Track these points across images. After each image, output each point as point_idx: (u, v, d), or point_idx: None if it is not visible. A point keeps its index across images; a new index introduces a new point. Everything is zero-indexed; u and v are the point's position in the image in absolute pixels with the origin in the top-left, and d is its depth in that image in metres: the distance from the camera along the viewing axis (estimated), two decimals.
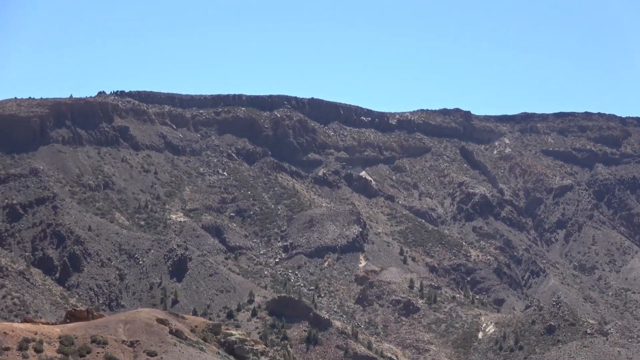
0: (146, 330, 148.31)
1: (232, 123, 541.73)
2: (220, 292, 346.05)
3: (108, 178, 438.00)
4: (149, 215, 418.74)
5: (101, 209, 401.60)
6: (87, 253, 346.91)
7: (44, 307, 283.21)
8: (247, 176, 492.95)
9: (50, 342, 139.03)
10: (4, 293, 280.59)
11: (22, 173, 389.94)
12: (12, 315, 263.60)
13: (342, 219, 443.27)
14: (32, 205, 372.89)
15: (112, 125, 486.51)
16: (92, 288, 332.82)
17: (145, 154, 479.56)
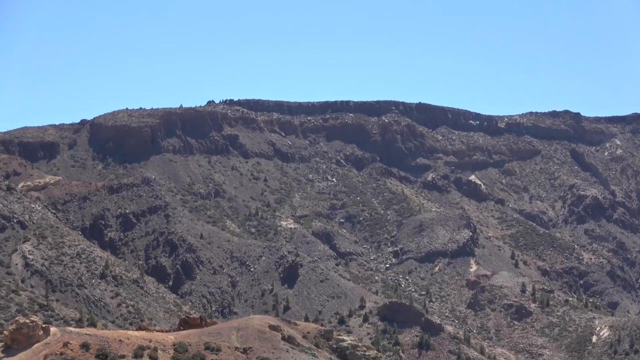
0: (259, 337, 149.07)
1: (340, 129, 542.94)
2: (331, 298, 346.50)
3: (219, 186, 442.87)
4: (259, 222, 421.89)
5: (212, 217, 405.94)
6: (199, 261, 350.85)
7: (157, 314, 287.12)
8: (356, 182, 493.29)
9: (164, 349, 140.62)
10: (118, 301, 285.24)
11: (135, 182, 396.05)
12: (127, 323, 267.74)
13: (452, 224, 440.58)
14: (144, 214, 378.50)
15: (221, 133, 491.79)
16: (204, 295, 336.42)
17: (254, 162, 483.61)
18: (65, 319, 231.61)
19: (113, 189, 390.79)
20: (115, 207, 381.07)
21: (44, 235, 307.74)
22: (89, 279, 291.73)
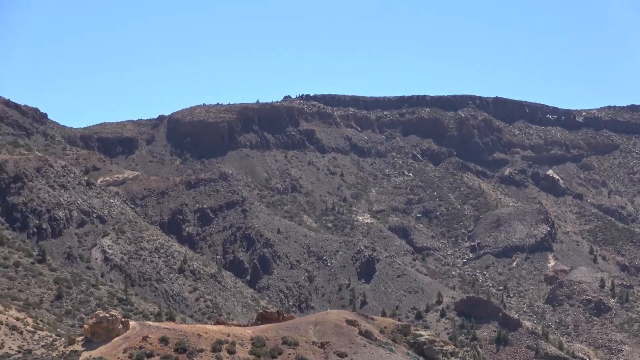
0: (336, 332, 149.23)
1: (416, 124, 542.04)
2: (408, 293, 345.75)
3: (295, 181, 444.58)
4: (336, 217, 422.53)
5: (289, 212, 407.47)
6: (276, 255, 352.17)
7: (235, 309, 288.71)
8: (433, 177, 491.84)
9: (242, 343, 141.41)
10: (197, 296, 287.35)
11: (212, 178, 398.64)
12: (205, 317, 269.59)
13: (529, 218, 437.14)
14: (222, 209, 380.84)
15: (298, 128, 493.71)
16: (282, 290, 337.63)
17: (331, 157, 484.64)
18: (144, 313, 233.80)
19: (191, 184, 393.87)
20: (193, 202, 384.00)
21: (123, 230, 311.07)
22: (168, 273, 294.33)
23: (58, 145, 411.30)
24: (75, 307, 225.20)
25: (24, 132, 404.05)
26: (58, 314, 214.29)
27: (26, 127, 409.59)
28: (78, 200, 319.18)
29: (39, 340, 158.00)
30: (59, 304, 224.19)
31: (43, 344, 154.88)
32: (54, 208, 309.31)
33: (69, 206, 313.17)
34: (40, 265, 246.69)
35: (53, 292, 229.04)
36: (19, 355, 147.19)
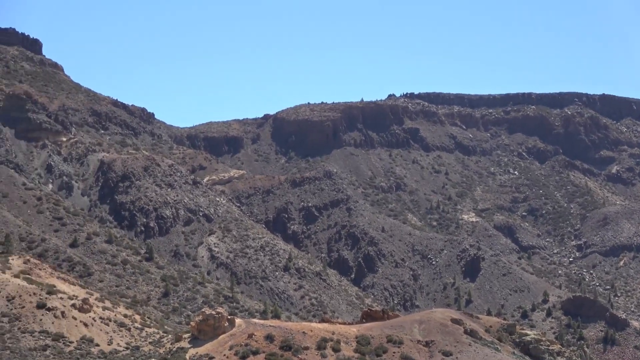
0: (441, 330, 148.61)
1: (521, 122, 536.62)
2: (514, 292, 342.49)
3: (400, 179, 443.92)
4: (440, 215, 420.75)
5: (394, 210, 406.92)
6: (381, 254, 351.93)
7: (340, 307, 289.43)
8: (539, 175, 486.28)
9: (347, 341, 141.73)
10: (302, 294, 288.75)
11: (317, 176, 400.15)
12: (310, 315, 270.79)
13: (637, 217, 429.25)
14: (326, 207, 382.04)
15: (402, 127, 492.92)
16: (386, 288, 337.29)
17: (435, 155, 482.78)
18: (249, 311, 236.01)
19: (296, 183, 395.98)
20: (298, 201, 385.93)
21: (229, 228, 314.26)
22: (273, 271, 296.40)
23: (165, 145, 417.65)
24: (182, 304, 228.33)
25: (132, 131, 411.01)
26: (165, 311, 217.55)
27: (134, 127, 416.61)
28: (185, 198, 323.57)
29: (146, 337, 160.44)
30: (166, 302, 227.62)
31: (150, 340, 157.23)
32: (161, 207, 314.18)
33: (176, 205, 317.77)
34: (147, 263, 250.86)
35: (160, 290, 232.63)
36: (127, 352, 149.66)
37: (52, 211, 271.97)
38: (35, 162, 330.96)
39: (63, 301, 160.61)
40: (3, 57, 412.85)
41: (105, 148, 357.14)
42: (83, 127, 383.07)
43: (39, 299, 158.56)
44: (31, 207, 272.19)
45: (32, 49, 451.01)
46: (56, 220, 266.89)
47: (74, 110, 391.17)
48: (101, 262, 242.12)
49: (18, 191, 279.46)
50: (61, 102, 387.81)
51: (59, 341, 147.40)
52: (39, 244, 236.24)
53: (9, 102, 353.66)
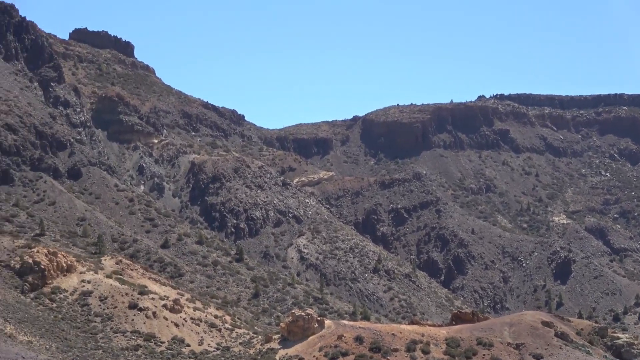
0: (531, 333, 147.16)
1: (613, 123, 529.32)
2: (605, 295, 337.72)
3: (489, 181, 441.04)
4: (531, 217, 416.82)
5: (483, 212, 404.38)
6: (470, 256, 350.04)
7: (429, 309, 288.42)
8: (631, 177, 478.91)
9: (436, 343, 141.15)
10: (391, 295, 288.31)
11: (406, 178, 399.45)
12: (399, 317, 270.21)
13: None
14: (416, 209, 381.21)
15: (492, 128, 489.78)
16: (476, 290, 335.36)
17: (525, 157, 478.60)
18: (339, 312, 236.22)
19: (385, 184, 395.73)
20: (387, 202, 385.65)
21: (318, 230, 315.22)
22: (362, 272, 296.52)
23: (255, 146, 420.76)
24: (272, 305, 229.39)
25: (222, 133, 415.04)
26: (255, 312, 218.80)
27: (224, 129, 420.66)
28: (274, 200, 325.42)
29: (236, 337, 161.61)
30: (256, 302, 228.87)
31: (240, 341, 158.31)
32: (251, 208, 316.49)
33: (266, 206, 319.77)
34: (237, 264, 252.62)
35: (250, 291, 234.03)
36: (218, 352, 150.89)
37: (143, 212, 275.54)
38: (127, 163, 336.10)
39: (154, 302, 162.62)
40: (96, 60, 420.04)
41: (195, 150, 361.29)
42: (174, 128, 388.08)
43: (131, 299, 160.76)
44: (123, 208, 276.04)
45: (124, 51, 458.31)
46: (148, 221, 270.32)
47: (165, 112, 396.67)
48: (192, 263, 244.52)
49: (110, 193, 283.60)
50: (153, 104, 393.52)
51: (151, 341, 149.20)
52: (131, 245, 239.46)
53: (101, 104, 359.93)
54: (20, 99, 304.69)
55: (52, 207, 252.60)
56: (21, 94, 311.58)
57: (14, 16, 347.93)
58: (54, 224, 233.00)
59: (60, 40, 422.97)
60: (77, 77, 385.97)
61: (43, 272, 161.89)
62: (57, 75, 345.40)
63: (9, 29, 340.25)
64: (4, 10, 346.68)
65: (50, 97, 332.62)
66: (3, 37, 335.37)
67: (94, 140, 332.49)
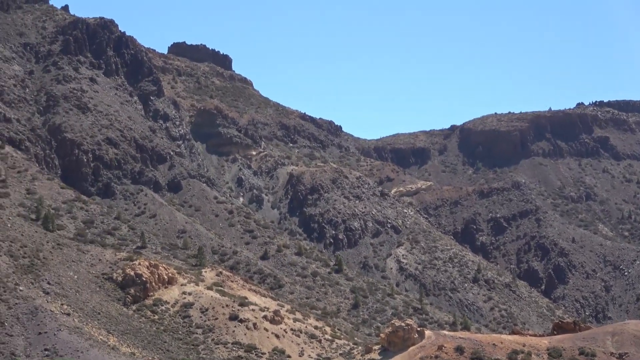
0: (635, 342, 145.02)
1: None
2: None
3: (590, 189, 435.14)
4: (632, 225, 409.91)
5: (584, 221, 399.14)
6: (571, 265, 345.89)
7: (530, 318, 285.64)
8: None
9: (538, 353, 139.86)
10: (491, 305, 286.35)
11: (505, 187, 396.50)
12: (500, 327, 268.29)
13: None
14: (515, 218, 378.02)
15: (591, 136, 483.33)
16: (577, 300, 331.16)
17: (626, 164, 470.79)
18: (439, 322, 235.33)
19: (483, 194, 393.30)
20: (486, 212, 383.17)
21: (417, 240, 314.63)
22: (462, 282, 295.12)
23: (352, 157, 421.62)
24: (372, 316, 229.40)
25: (320, 144, 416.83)
26: (355, 323, 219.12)
27: (322, 140, 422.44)
28: (373, 210, 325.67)
29: (336, 348, 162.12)
30: (355, 313, 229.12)
31: (341, 352, 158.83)
32: (350, 219, 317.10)
33: (364, 217, 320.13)
34: (337, 274, 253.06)
35: (350, 301, 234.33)
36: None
37: (243, 224, 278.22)
38: (226, 175, 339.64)
39: (255, 313, 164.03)
40: (194, 74, 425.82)
41: (294, 161, 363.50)
42: (272, 140, 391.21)
43: (231, 310, 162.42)
44: (223, 220, 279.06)
45: (223, 64, 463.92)
46: (247, 233, 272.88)
47: (263, 124, 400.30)
48: (291, 274, 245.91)
49: (210, 205, 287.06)
50: (251, 116, 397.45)
51: (252, 352, 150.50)
52: (231, 257, 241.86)
53: (200, 117, 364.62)
54: (120, 113, 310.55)
55: (153, 220, 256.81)
56: (121, 108, 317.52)
57: (113, 31, 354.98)
58: (155, 236, 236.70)
59: (159, 54, 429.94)
60: (176, 91, 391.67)
61: (145, 284, 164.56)
62: (157, 89, 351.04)
63: (109, 44, 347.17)
64: (104, 25, 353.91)
65: (150, 110, 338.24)
66: (103, 52, 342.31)
67: (193, 153, 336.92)
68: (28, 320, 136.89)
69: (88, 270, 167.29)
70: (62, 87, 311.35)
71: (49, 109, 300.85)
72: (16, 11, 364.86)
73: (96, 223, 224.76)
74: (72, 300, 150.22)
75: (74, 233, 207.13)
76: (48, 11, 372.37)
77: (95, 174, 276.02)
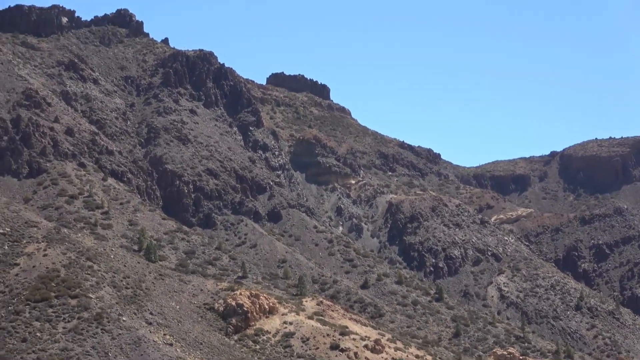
0: None
1: None
2: None
3: None
4: None
5: None
6: None
7: (635, 346, 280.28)
8: None
9: None
10: (594, 333, 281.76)
11: (607, 213, 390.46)
12: (603, 355, 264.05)
13: None
14: (618, 244, 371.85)
15: None
16: None
17: None
18: (541, 351, 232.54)
19: (585, 220, 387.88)
20: (588, 238, 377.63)
21: (518, 267, 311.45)
22: (564, 310, 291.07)
23: (452, 185, 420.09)
24: (473, 344, 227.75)
25: (419, 172, 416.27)
26: (456, 352, 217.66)
27: (420, 168, 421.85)
28: (473, 238, 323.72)
29: None
30: (456, 342, 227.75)
31: None
32: (450, 247, 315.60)
33: (464, 244, 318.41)
34: (437, 303, 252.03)
35: (451, 330, 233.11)
36: None
37: (342, 253, 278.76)
38: (325, 205, 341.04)
39: (356, 342, 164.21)
40: (293, 104, 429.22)
41: (393, 189, 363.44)
42: (371, 169, 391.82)
43: (332, 340, 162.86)
44: (323, 249, 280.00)
45: (321, 94, 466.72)
46: (347, 262, 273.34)
47: (361, 153, 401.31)
48: (392, 302, 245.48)
49: (310, 234, 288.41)
50: (349, 145, 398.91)
51: None
52: (331, 286, 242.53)
53: (299, 147, 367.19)
54: (220, 144, 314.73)
55: (253, 250, 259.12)
56: (221, 139, 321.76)
57: (213, 63, 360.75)
58: (255, 266, 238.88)
59: (257, 85, 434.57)
60: (274, 121, 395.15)
61: (246, 314, 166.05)
62: (256, 120, 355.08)
63: (208, 76, 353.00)
64: (204, 57, 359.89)
65: (249, 141, 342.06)
66: (203, 84, 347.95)
67: (292, 182, 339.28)
68: (131, 350, 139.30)
69: (190, 301, 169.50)
70: (162, 119, 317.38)
71: (150, 140, 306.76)
72: (117, 45, 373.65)
73: (197, 253, 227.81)
74: (174, 330, 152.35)
75: (175, 264, 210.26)
76: (148, 44, 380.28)
77: (196, 204, 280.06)
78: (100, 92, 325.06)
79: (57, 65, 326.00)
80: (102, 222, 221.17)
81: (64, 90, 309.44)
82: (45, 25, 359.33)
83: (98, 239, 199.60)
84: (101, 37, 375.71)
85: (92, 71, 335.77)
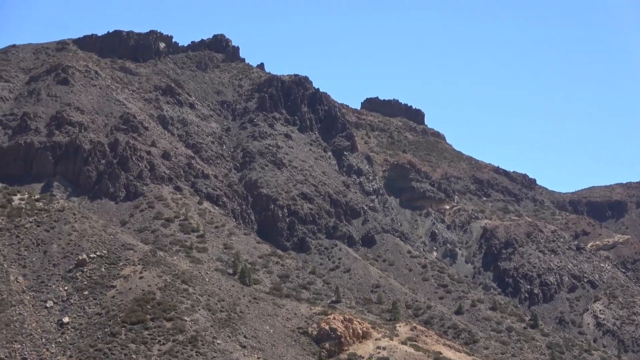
0: None
1: None
2: None
3: None
4: None
5: None
6: None
7: None
8: None
9: None
10: None
11: None
12: None
13: None
14: None
15: None
16: None
17: None
18: None
19: None
20: None
21: (615, 295, 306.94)
22: None
23: (547, 210, 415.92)
24: None
25: (514, 198, 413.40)
26: None
27: (515, 193, 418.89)
28: (568, 265, 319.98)
29: None
30: None
31: None
32: (545, 273, 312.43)
33: (560, 271, 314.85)
34: (532, 330, 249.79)
35: (546, 357, 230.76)
36: None
37: (437, 278, 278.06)
38: (419, 230, 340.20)
39: None
40: (387, 129, 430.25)
41: (487, 215, 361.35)
42: (465, 194, 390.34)
43: None
44: (417, 274, 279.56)
45: (415, 119, 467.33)
46: (441, 287, 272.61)
47: (456, 178, 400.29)
48: (486, 329, 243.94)
49: (404, 259, 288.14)
50: (444, 170, 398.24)
51: None
52: (425, 311, 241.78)
53: (393, 171, 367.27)
54: (315, 169, 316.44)
55: (347, 274, 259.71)
56: (316, 163, 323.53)
57: (307, 88, 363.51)
58: (349, 290, 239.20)
59: (352, 109, 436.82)
60: (369, 146, 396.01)
61: (339, 338, 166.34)
62: (350, 145, 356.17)
63: (303, 100, 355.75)
64: (299, 82, 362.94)
65: (343, 166, 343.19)
66: (298, 108, 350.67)
67: (386, 207, 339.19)
68: None
69: (284, 324, 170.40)
70: (258, 143, 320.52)
71: (245, 165, 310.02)
72: (214, 70, 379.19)
73: (291, 277, 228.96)
74: (268, 354, 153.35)
75: (269, 287, 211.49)
76: (244, 69, 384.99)
77: (290, 228, 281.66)
78: (196, 117, 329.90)
79: (155, 90, 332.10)
80: (198, 246, 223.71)
81: (161, 115, 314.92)
82: (143, 50, 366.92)
83: (193, 262, 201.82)
84: (198, 62, 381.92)
85: (188, 96, 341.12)
